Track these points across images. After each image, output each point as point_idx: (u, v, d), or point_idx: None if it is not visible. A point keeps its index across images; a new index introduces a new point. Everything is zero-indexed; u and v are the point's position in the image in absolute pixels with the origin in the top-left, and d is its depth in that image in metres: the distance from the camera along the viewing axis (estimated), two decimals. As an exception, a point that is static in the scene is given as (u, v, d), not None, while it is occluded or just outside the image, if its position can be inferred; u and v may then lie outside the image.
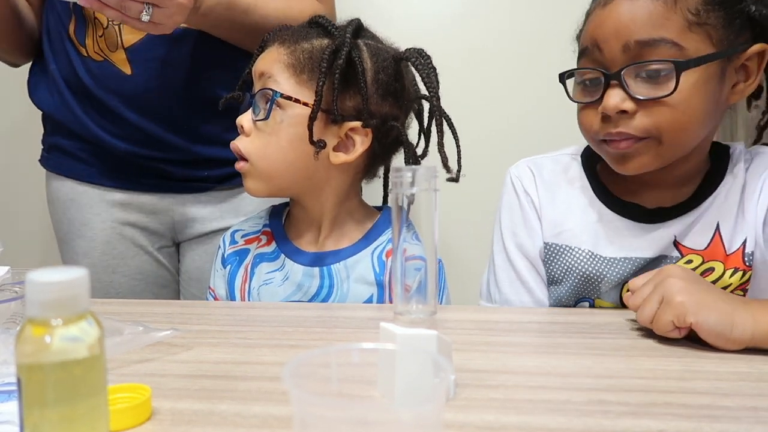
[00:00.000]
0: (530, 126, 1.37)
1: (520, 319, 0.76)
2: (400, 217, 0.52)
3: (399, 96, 0.85)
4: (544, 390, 0.54)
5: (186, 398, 0.53)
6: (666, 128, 0.72)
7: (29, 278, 0.37)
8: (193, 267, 1.11)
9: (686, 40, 0.70)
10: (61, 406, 0.37)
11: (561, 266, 0.85)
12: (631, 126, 0.72)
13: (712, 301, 0.61)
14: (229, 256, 0.92)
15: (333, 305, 0.84)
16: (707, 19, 0.70)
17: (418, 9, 1.42)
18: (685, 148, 0.76)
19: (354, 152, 0.83)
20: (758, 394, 0.53)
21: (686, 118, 0.72)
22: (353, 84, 0.81)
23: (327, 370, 0.41)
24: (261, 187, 0.85)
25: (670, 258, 0.80)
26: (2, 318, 0.65)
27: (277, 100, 0.80)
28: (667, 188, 0.81)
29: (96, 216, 1.06)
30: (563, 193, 0.87)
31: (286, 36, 0.85)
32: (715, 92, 0.73)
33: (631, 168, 0.76)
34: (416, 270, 0.52)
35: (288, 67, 0.82)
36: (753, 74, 0.74)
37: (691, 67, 0.70)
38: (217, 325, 0.75)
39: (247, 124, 0.83)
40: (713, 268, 0.78)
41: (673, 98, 0.70)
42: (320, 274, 0.86)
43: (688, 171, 0.80)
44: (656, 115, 0.71)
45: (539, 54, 1.35)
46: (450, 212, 1.30)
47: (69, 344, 0.37)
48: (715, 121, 0.76)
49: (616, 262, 0.81)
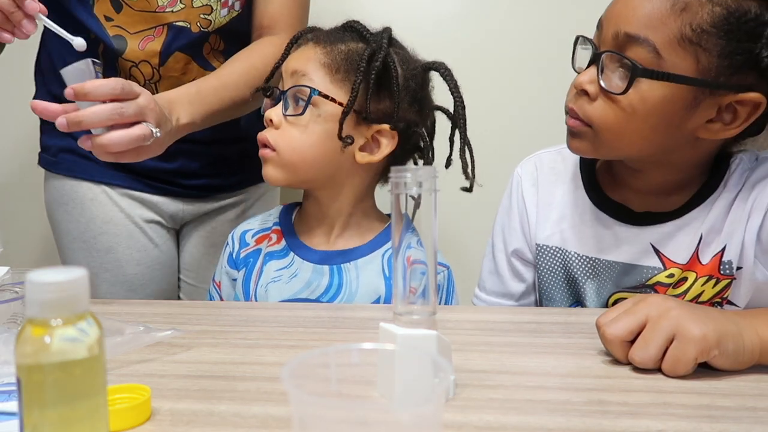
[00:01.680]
0: (530, 126, 1.37)
1: (520, 319, 0.76)
2: (400, 216, 0.52)
3: (423, 104, 0.89)
4: (543, 390, 0.54)
5: (185, 399, 0.53)
6: (603, 126, 0.71)
7: (29, 278, 0.37)
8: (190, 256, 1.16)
9: (669, 52, 0.66)
10: (61, 407, 0.37)
11: (551, 268, 0.85)
12: (582, 108, 0.73)
13: (723, 327, 0.56)
14: (241, 259, 0.93)
15: (333, 305, 0.84)
16: (703, 42, 0.65)
17: (416, 10, 1.42)
18: (620, 153, 0.75)
19: (379, 153, 0.85)
20: (758, 394, 0.53)
21: (627, 126, 0.70)
22: (386, 87, 0.84)
23: (326, 371, 0.41)
24: (281, 176, 0.85)
25: (650, 269, 0.79)
26: (2, 318, 0.65)
27: (312, 98, 0.82)
28: (654, 194, 0.80)
29: (119, 212, 1.08)
30: (560, 193, 0.87)
31: (321, 36, 0.87)
32: (676, 116, 0.69)
33: (572, 147, 0.76)
34: (422, 274, 0.52)
35: (323, 66, 0.84)
36: (739, 121, 0.69)
37: (647, 77, 0.67)
38: (217, 326, 0.75)
39: (277, 117, 0.84)
40: (686, 278, 0.78)
41: (624, 101, 0.69)
42: (330, 273, 0.86)
43: (676, 181, 0.78)
44: (605, 109, 0.71)
45: (539, 54, 1.35)
46: (449, 212, 1.30)
47: (69, 344, 0.37)
48: (667, 143, 0.72)
49: (600, 264, 0.81)
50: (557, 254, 0.85)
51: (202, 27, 0.99)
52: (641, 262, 0.79)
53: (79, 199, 1.09)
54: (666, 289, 0.79)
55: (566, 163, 0.89)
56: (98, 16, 0.97)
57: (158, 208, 1.10)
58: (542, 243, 0.86)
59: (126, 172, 1.08)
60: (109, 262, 1.07)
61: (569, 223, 0.85)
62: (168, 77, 1.00)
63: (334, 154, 0.84)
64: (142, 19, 0.97)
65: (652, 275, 0.79)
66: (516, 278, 0.90)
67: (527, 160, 0.92)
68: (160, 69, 0.99)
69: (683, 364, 0.55)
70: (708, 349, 0.55)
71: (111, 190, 1.08)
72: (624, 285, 0.81)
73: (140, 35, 0.98)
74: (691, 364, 0.55)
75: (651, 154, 0.74)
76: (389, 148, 0.85)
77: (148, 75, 1.00)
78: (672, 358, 0.56)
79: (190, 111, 0.87)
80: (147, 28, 0.98)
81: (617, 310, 0.60)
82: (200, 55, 1.02)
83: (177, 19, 0.97)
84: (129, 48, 0.98)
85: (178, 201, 1.11)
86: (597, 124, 0.71)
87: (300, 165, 0.84)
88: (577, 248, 0.83)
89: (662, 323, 0.56)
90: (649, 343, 0.56)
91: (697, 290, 0.77)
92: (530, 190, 0.89)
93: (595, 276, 0.82)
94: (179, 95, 0.87)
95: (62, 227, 1.10)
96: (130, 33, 0.97)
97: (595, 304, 0.83)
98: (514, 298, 0.90)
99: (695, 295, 0.78)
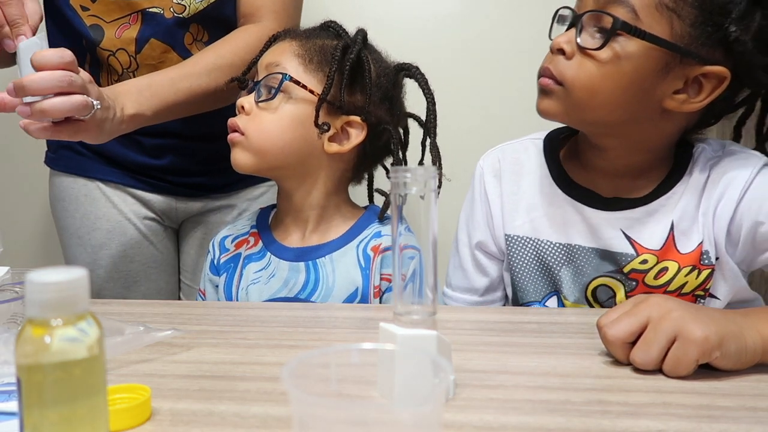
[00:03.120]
0: (526, 125, 1.37)
1: (519, 319, 0.76)
2: (399, 217, 0.52)
3: (394, 103, 0.90)
4: (543, 390, 0.54)
5: (185, 399, 0.53)
6: (576, 83, 0.73)
7: (29, 278, 0.37)
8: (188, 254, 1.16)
9: (646, 14, 0.69)
10: (61, 407, 0.37)
11: (524, 259, 0.85)
12: (557, 67, 0.74)
13: (725, 328, 0.56)
14: (222, 265, 0.93)
15: (333, 305, 0.84)
16: (678, 9, 0.68)
17: (413, 11, 1.42)
18: (589, 115, 0.75)
19: (348, 144, 0.86)
20: (758, 394, 0.53)
21: (599, 84, 0.72)
22: (358, 82, 0.85)
23: (326, 371, 0.41)
24: (249, 161, 0.85)
25: (624, 255, 0.79)
26: (2, 318, 0.65)
27: (284, 83, 0.83)
28: (620, 177, 0.80)
29: (113, 208, 1.08)
30: (525, 183, 0.87)
31: (298, 33, 0.89)
32: (646, 79, 0.71)
33: (541, 108, 0.77)
34: (410, 258, 0.52)
35: (297, 56, 0.86)
36: (704, 94, 0.72)
37: (625, 31, 0.69)
38: (217, 326, 0.75)
39: (248, 104, 0.85)
40: (667, 268, 0.78)
41: (601, 58, 0.71)
42: (306, 269, 0.87)
43: (640, 163, 0.79)
44: (580, 67, 0.72)
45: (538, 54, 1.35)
46: (445, 212, 1.30)
47: (68, 344, 0.37)
48: (635, 110, 0.74)
49: (574, 249, 0.82)
50: (529, 244, 0.85)
51: (176, 12, 0.98)
52: (614, 248, 0.80)
53: (74, 195, 1.09)
54: (643, 276, 0.79)
55: (529, 153, 0.89)
56: (75, 7, 0.97)
57: (151, 204, 1.10)
58: (512, 234, 0.86)
59: (119, 168, 1.08)
60: (102, 258, 1.08)
61: (540, 211, 0.85)
62: (145, 65, 1.00)
63: (303, 142, 0.85)
64: (116, 7, 0.97)
65: (627, 262, 0.79)
66: (479, 272, 0.90)
67: (490, 153, 0.92)
68: (137, 57, 0.99)
69: (684, 365, 0.55)
70: (710, 351, 0.55)
71: (105, 186, 1.09)
72: (603, 270, 0.81)
73: (116, 23, 0.98)
74: (692, 366, 0.55)
75: (618, 122, 0.75)
76: (358, 140, 0.86)
77: (126, 63, 0.99)
78: (673, 359, 0.55)
79: (138, 101, 0.85)
80: (122, 16, 0.98)
81: (618, 311, 0.60)
82: (180, 45, 1.01)
83: (150, 5, 0.97)
84: (106, 37, 0.98)
85: (170, 198, 1.11)
86: (570, 81, 0.73)
87: (269, 149, 0.84)
88: (549, 236, 0.84)
89: (664, 325, 0.56)
90: (650, 344, 0.56)
91: (680, 281, 0.77)
92: (492, 182, 0.89)
93: (570, 262, 0.83)
94: (127, 87, 0.86)
95: (60, 223, 1.12)
96: (106, 22, 0.98)
97: (572, 292, 0.83)
98: (478, 293, 0.90)
99: (679, 285, 0.78)
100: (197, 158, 1.09)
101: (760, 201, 0.74)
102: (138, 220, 1.10)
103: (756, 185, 0.75)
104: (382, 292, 0.86)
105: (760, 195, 0.74)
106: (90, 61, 1.01)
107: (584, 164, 0.83)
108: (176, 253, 1.17)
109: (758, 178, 0.75)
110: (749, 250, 0.76)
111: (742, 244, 0.75)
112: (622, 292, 0.80)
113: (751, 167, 0.75)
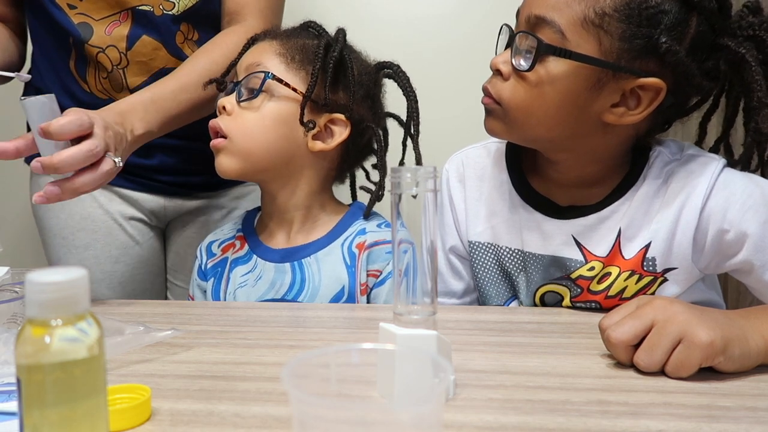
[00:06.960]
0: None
1: (519, 319, 0.76)
2: (398, 217, 0.52)
3: (375, 102, 0.91)
4: (543, 390, 0.54)
5: (185, 399, 0.53)
6: (512, 103, 0.73)
7: (29, 278, 0.37)
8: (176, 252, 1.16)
9: (573, 33, 0.68)
10: (61, 407, 0.37)
11: (485, 264, 0.86)
12: (495, 87, 0.75)
13: (729, 332, 0.56)
14: (209, 269, 0.93)
15: (333, 305, 0.84)
16: (605, 24, 0.67)
17: (409, 11, 1.42)
18: (529, 134, 0.76)
19: (332, 142, 0.86)
20: (757, 394, 0.53)
21: (534, 103, 0.72)
22: (341, 80, 0.86)
23: (326, 371, 0.41)
24: (235, 165, 0.85)
25: (573, 261, 0.79)
26: (2, 318, 0.65)
27: (266, 82, 0.83)
28: (576, 187, 0.80)
29: (98, 208, 1.08)
30: (487, 188, 0.87)
31: (278, 33, 0.89)
32: (579, 96, 0.70)
33: (487, 126, 0.78)
34: (403, 252, 0.52)
35: (278, 55, 0.86)
36: (642, 106, 0.71)
37: (550, 53, 0.69)
38: (216, 326, 0.75)
39: (230, 104, 0.85)
40: (610, 273, 0.78)
41: (531, 78, 0.71)
42: (291, 270, 0.87)
43: (594, 173, 0.79)
44: (515, 87, 0.73)
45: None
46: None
47: (68, 345, 0.37)
48: (575, 127, 0.73)
49: (528, 257, 0.82)
50: (490, 250, 0.85)
51: (165, 10, 0.98)
52: (565, 255, 0.79)
53: None
54: (589, 282, 0.79)
55: (492, 158, 0.89)
56: (61, 5, 0.97)
57: (139, 204, 1.10)
58: (474, 240, 0.86)
59: None
60: (87, 259, 1.07)
61: (500, 218, 0.85)
62: (136, 62, 0.99)
63: (286, 141, 0.85)
64: (105, 5, 0.97)
65: (575, 268, 0.79)
66: (455, 276, 0.90)
67: (454, 157, 0.92)
68: (128, 53, 0.99)
69: (687, 368, 0.55)
70: (713, 356, 0.55)
71: None
72: (550, 277, 0.81)
73: (106, 21, 0.98)
74: (695, 369, 0.55)
75: (560, 138, 0.75)
76: (342, 137, 0.86)
77: (116, 60, 0.99)
78: (676, 361, 0.55)
79: (145, 120, 0.85)
80: (112, 14, 0.97)
81: (621, 313, 0.60)
82: (172, 43, 1.00)
83: (139, 3, 0.97)
84: (95, 34, 0.98)
85: (159, 197, 1.11)
86: (506, 101, 0.73)
87: (253, 151, 0.84)
88: (507, 243, 0.84)
89: (669, 328, 0.56)
90: (655, 348, 0.56)
91: (620, 285, 0.77)
92: (457, 186, 0.89)
93: (524, 269, 0.83)
94: (132, 105, 0.85)
95: (43, 223, 1.10)
96: (95, 19, 0.97)
97: (526, 297, 0.84)
98: (457, 296, 0.90)
99: (619, 290, 0.77)
100: (187, 157, 1.08)
101: (724, 208, 0.72)
102: (124, 221, 1.09)
103: (717, 192, 0.73)
104: (370, 288, 0.86)
105: (723, 202, 0.72)
106: (76, 57, 1.00)
107: (542, 175, 0.83)
108: (162, 253, 1.17)
109: (717, 184, 0.73)
110: (713, 256, 0.75)
111: (707, 251, 0.74)
112: (568, 297, 0.81)
113: (709, 174, 0.74)
